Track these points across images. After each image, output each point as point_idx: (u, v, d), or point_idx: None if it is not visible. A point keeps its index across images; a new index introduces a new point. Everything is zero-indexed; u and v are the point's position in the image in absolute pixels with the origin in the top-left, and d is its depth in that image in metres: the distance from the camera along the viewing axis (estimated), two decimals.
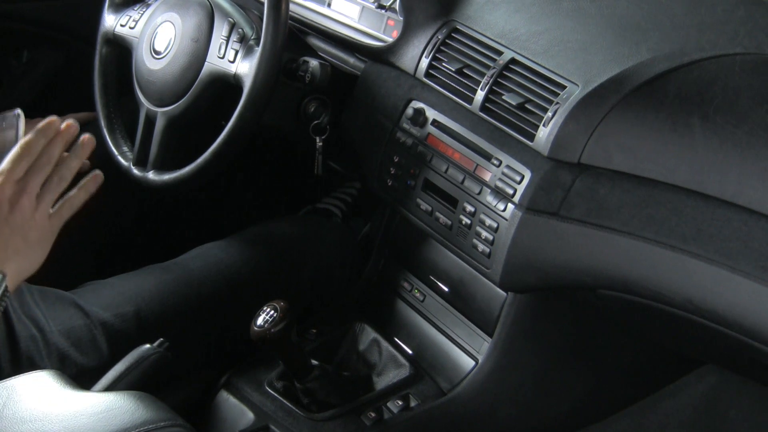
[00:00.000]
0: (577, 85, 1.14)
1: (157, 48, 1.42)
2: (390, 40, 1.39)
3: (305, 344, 1.40)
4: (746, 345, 1.06)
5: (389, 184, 1.36)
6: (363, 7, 1.46)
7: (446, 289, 1.42)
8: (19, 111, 1.08)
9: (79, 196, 1.09)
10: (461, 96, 1.27)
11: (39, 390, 1.07)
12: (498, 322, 1.33)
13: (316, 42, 1.56)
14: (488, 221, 1.20)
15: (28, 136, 1.06)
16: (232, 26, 1.36)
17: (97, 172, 1.12)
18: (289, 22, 1.29)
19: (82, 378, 1.18)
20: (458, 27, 1.32)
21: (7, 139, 1.10)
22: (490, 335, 1.35)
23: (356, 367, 1.43)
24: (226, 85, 1.34)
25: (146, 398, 1.08)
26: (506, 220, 1.18)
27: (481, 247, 1.22)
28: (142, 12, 1.51)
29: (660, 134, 1.09)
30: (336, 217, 1.86)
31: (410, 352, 1.43)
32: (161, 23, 1.43)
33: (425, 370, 1.40)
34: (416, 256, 1.48)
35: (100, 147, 1.50)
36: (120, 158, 1.48)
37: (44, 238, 1.06)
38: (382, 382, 1.39)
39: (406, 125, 1.33)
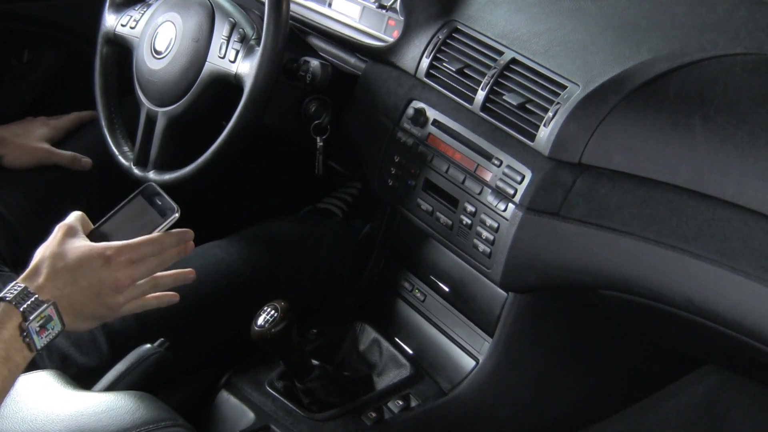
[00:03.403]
0: (578, 85, 1.14)
1: (158, 48, 1.42)
2: (391, 40, 1.39)
3: (306, 344, 1.40)
4: (747, 345, 1.06)
5: (390, 184, 1.36)
6: (364, 7, 1.46)
7: (447, 289, 1.42)
8: (178, 212, 1.09)
9: (151, 303, 1.08)
10: (462, 96, 1.27)
11: (40, 390, 1.08)
12: (498, 322, 1.33)
13: (316, 42, 1.56)
14: (489, 221, 1.20)
15: (167, 235, 1.07)
16: (233, 26, 1.36)
17: (174, 295, 1.11)
18: (290, 22, 1.29)
19: (82, 378, 1.18)
20: (459, 27, 1.32)
21: (146, 219, 1.09)
22: (491, 335, 1.35)
23: (357, 367, 1.43)
24: (226, 85, 1.34)
25: (147, 398, 1.08)
26: (507, 220, 1.18)
27: (481, 247, 1.22)
28: (142, 12, 1.51)
29: (661, 134, 1.09)
30: (336, 217, 1.86)
31: (411, 352, 1.43)
32: (162, 23, 1.43)
33: (426, 370, 1.40)
34: (417, 256, 1.47)
35: (101, 147, 1.51)
36: (120, 158, 1.48)
37: (104, 318, 1.05)
38: (382, 382, 1.39)
39: (406, 125, 1.33)
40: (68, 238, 1.02)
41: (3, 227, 1.46)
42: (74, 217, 1.06)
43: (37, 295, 0.95)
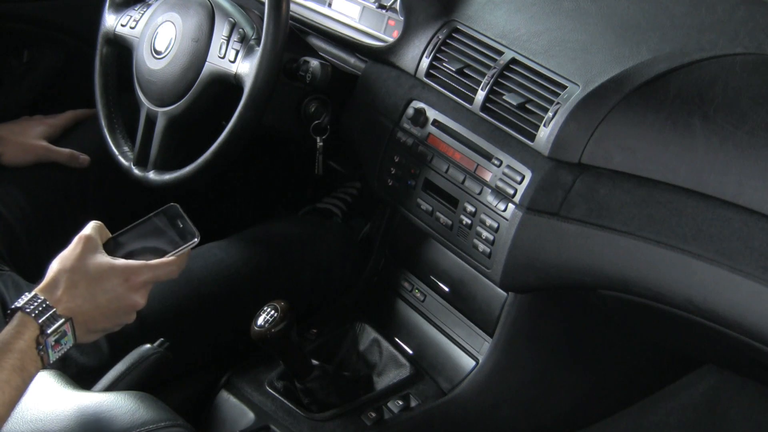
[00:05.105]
0: (578, 85, 1.14)
1: (158, 48, 1.42)
2: (390, 40, 1.39)
3: (305, 344, 1.40)
4: (746, 345, 1.06)
5: (389, 184, 1.36)
6: (363, 7, 1.46)
7: (446, 289, 1.42)
8: (198, 238, 1.09)
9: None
10: (462, 96, 1.27)
11: (40, 390, 1.07)
12: (498, 322, 1.33)
13: (316, 42, 1.56)
14: (489, 221, 1.20)
15: (182, 258, 1.08)
16: (233, 26, 1.36)
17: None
18: (290, 22, 1.29)
19: (82, 378, 1.18)
20: (459, 27, 1.32)
21: (165, 239, 1.09)
22: (491, 335, 1.35)
23: (356, 367, 1.43)
24: (226, 85, 1.34)
25: (147, 398, 1.08)
26: (507, 220, 1.18)
27: (481, 247, 1.22)
28: (142, 12, 1.50)
29: (660, 134, 1.09)
30: (336, 217, 1.86)
31: (410, 352, 1.43)
32: (162, 23, 1.43)
33: (425, 370, 1.40)
34: (416, 256, 1.47)
35: (98, 144, 1.51)
36: (120, 158, 1.48)
37: (109, 332, 1.05)
38: (382, 382, 1.39)
39: (406, 125, 1.33)
40: (88, 252, 1.01)
41: (2, 226, 1.46)
42: (93, 227, 1.05)
43: (55, 309, 0.96)
